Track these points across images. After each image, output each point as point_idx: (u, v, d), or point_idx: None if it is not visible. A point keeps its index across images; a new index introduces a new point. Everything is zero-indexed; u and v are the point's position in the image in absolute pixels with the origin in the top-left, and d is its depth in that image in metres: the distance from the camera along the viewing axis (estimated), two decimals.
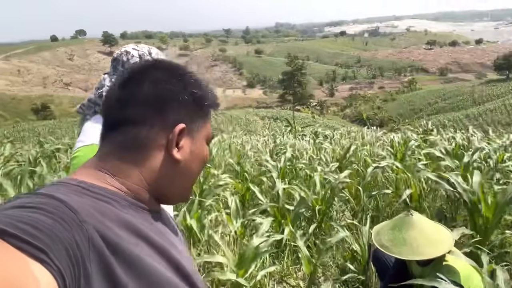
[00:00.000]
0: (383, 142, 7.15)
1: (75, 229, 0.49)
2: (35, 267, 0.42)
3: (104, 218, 0.56)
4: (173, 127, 0.67)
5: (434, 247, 1.81)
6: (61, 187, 0.58)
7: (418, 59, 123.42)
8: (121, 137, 0.66)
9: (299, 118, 40.86)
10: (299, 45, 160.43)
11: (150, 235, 0.62)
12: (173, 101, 0.67)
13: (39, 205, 0.49)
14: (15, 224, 0.44)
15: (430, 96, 66.06)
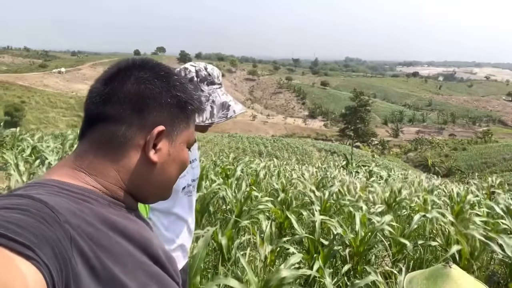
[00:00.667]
0: (442, 191, 6.70)
1: (57, 229, 0.49)
2: (21, 264, 0.42)
3: (84, 217, 0.55)
4: (152, 128, 0.66)
5: None
6: (39, 188, 0.57)
7: (496, 110, 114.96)
8: (99, 134, 0.65)
9: (358, 155, 39.70)
10: (367, 81, 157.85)
11: (130, 232, 0.62)
12: (154, 102, 0.66)
13: (20, 206, 0.49)
14: (1, 224, 0.44)
15: (507, 151, 60.62)
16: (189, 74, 1.28)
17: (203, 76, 1.29)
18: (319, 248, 3.13)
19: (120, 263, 0.57)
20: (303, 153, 38.80)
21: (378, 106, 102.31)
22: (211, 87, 1.30)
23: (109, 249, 0.56)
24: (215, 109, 1.27)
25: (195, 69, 1.29)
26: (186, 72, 1.28)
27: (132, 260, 0.59)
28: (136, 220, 0.68)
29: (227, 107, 1.28)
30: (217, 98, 1.29)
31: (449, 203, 5.33)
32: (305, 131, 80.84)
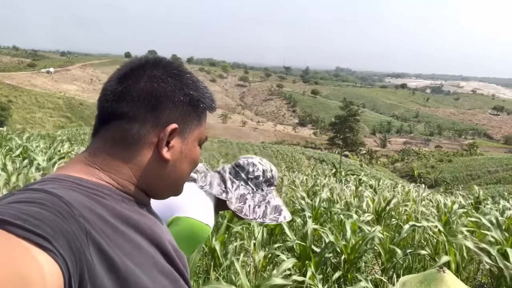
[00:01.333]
0: (429, 202, 6.79)
1: (72, 222, 0.49)
2: (38, 255, 0.43)
3: (98, 211, 0.56)
4: (166, 126, 0.66)
5: None
6: (54, 182, 0.58)
7: (482, 123, 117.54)
8: (113, 132, 0.66)
9: (346, 164, 39.97)
10: (356, 91, 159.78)
11: (143, 227, 0.64)
12: (167, 100, 0.67)
13: (36, 200, 0.49)
14: (18, 215, 0.45)
15: (491, 164, 61.85)
16: (256, 171, 1.33)
17: (267, 177, 1.34)
18: (311, 255, 3.14)
19: (134, 257, 0.58)
20: (292, 161, 38.92)
21: (367, 116, 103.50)
22: (269, 188, 1.35)
23: (123, 243, 0.57)
24: (268, 210, 1.31)
25: (263, 168, 1.34)
26: (254, 168, 1.33)
27: (145, 255, 0.61)
28: (148, 215, 0.69)
29: (279, 211, 1.33)
30: (272, 199, 1.33)
31: (437, 213, 5.39)
32: (295, 139, 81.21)
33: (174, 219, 1.14)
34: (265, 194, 1.33)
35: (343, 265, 3.30)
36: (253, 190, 1.31)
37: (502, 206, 6.77)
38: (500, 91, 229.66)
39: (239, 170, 1.34)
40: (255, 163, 1.35)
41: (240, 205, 1.27)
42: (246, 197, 1.29)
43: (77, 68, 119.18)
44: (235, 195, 1.28)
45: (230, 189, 1.29)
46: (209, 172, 1.35)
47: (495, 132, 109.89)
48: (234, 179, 1.33)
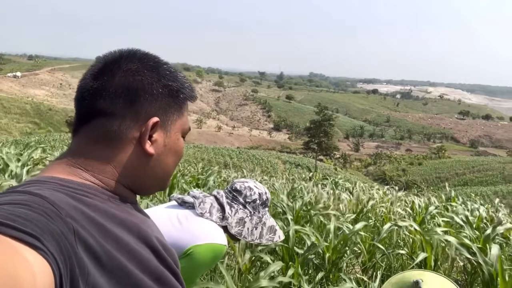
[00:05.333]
0: (404, 203, 7.01)
1: (59, 222, 0.48)
2: (28, 253, 0.42)
3: (85, 211, 0.55)
4: (146, 120, 0.65)
5: None
6: (38, 184, 0.56)
7: (449, 127, 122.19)
8: (93, 130, 0.64)
9: (321, 168, 40.58)
10: (330, 96, 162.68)
11: (130, 225, 0.62)
12: (145, 93, 0.65)
13: (21, 202, 0.49)
14: (6, 216, 0.44)
15: (458, 166, 64.42)
16: (253, 195, 1.38)
17: (263, 200, 1.40)
18: (294, 256, 3.18)
19: (123, 254, 0.57)
20: (268, 165, 39.08)
21: (340, 121, 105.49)
22: (264, 210, 1.41)
23: (111, 241, 0.56)
24: (264, 231, 1.37)
25: (259, 192, 1.40)
26: (251, 192, 1.39)
27: (133, 252, 0.60)
28: (135, 213, 0.68)
29: (274, 231, 1.39)
30: (267, 220, 1.39)
31: (412, 214, 5.58)
32: (270, 144, 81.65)
33: (193, 248, 1.21)
34: (261, 216, 1.39)
35: (326, 266, 3.35)
36: (251, 213, 1.36)
37: (471, 206, 7.09)
38: (466, 96, 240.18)
39: (236, 194, 1.39)
40: (251, 187, 1.40)
41: (240, 229, 1.33)
42: (245, 220, 1.35)
43: (46, 73, 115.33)
44: (235, 219, 1.34)
45: (230, 213, 1.34)
46: (206, 197, 1.39)
47: (462, 135, 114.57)
48: (232, 203, 1.38)
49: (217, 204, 1.38)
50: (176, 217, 1.31)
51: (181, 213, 1.33)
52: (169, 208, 1.37)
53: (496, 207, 7.33)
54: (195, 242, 1.22)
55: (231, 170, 13.94)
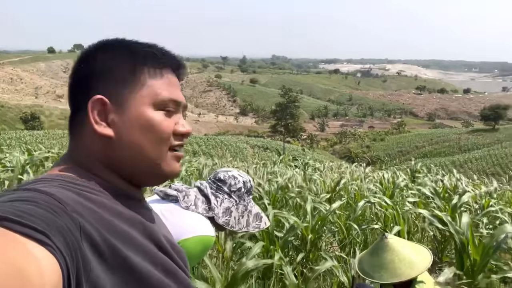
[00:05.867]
0: (372, 178, 7.24)
1: (66, 218, 0.49)
2: (36, 249, 0.42)
3: (91, 207, 0.56)
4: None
5: (411, 267, 1.86)
6: (44, 182, 0.57)
7: (408, 102, 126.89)
8: (73, 127, 0.66)
9: (289, 150, 41.09)
10: (293, 78, 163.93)
11: (136, 221, 0.63)
12: (93, 77, 0.64)
13: (28, 198, 0.49)
14: (14, 212, 0.45)
15: (418, 139, 67.37)
16: (238, 184, 1.37)
17: (248, 188, 1.39)
18: (275, 239, 3.21)
19: (130, 249, 0.57)
20: (237, 151, 39.06)
21: (305, 102, 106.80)
22: (249, 198, 1.40)
23: (118, 236, 0.56)
24: (251, 219, 1.37)
25: (243, 180, 1.39)
26: (236, 181, 1.37)
27: (140, 247, 0.59)
28: (142, 211, 0.67)
29: (259, 218, 1.39)
30: (253, 208, 1.39)
31: (381, 189, 5.78)
32: (237, 129, 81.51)
33: (181, 242, 1.19)
34: (246, 204, 1.38)
35: (305, 246, 3.41)
36: (236, 202, 1.35)
37: (434, 177, 7.45)
38: (422, 72, 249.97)
39: (221, 184, 1.37)
40: (235, 176, 1.39)
41: (227, 219, 1.32)
42: (231, 210, 1.33)
43: None
44: (221, 209, 1.32)
45: (216, 204, 1.33)
46: (189, 189, 1.37)
47: (419, 110, 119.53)
48: (217, 193, 1.36)
49: (202, 196, 1.36)
50: (161, 212, 1.27)
51: (165, 207, 1.30)
52: (152, 203, 1.33)
53: (456, 177, 7.73)
54: (182, 236, 1.20)
55: (201, 157, 13.80)
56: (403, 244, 2.05)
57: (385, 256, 1.97)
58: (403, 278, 1.88)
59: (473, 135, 62.33)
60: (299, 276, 3.07)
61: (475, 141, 58.20)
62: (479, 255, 2.64)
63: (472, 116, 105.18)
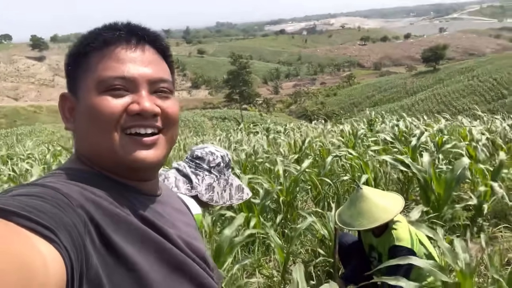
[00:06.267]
0: (334, 133, 7.48)
1: (71, 214, 0.49)
2: (42, 245, 0.42)
3: (95, 200, 0.56)
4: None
5: (386, 212, 2.03)
6: (52, 176, 0.58)
7: (354, 54, 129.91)
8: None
9: (247, 117, 41.18)
10: (241, 44, 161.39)
11: (142, 215, 0.61)
12: (67, 75, 0.66)
13: (35, 193, 0.49)
14: (22, 207, 0.45)
15: (368, 89, 69.87)
16: (216, 159, 1.37)
17: (226, 161, 1.39)
18: (253, 207, 3.26)
19: (135, 244, 0.57)
20: (195, 125, 38.57)
21: (256, 67, 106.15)
22: (229, 171, 1.40)
23: (122, 230, 0.56)
24: (233, 191, 1.37)
25: (220, 154, 1.39)
26: (213, 157, 1.36)
27: (143, 238, 0.59)
28: (143, 201, 0.65)
29: (241, 189, 1.40)
30: (233, 181, 1.39)
31: (344, 141, 5.99)
32: (192, 103, 79.94)
33: None
34: (227, 178, 1.39)
35: (282, 208, 3.51)
36: (217, 177, 1.36)
37: (389, 123, 7.82)
38: (364, 23, 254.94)
39: (199, 162, 1.37)
40: (212, 151, 1.39)
41: (210, 195, 1.32)
42: (213, 185, 1.34)
43: None
44: (203, 186, 1.32)
45: (198, 182, 1.32)
46: (167, 171, 1.37)
47: (365, 60, 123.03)
48: (196, 171, 1.35)
49: (181, 176, 1.35)
50: None
51: None
52: None
53: (409, 120, 8.16)
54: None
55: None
56: (377, 193, 2.18)
57: (362, 205, 2.10)
58: (381, 222, 2.02)
59: (417, 78, 65.53)
60: (280, 237, 3.18)
61: (420, 83, 61.29)
62: (442, 189, 2.86)
63: (414, 60, 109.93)
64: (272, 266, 2.93)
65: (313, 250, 2.90)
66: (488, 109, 37.20)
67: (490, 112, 32.86)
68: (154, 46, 0.66)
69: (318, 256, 2.80)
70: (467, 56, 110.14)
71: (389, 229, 2.08)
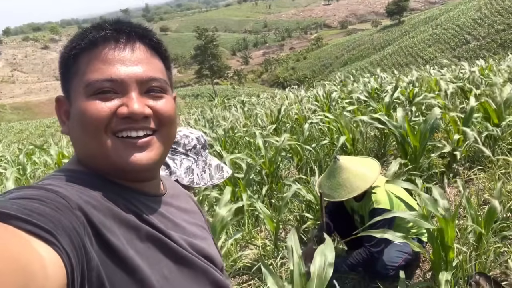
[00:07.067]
0: (308, 98, 7.51)
1: (71, 216, 0.49)
2: (41, 247, 0.42)
3: (95, 203, 0.55)
4: None
5: (364, 180, 2.09)
6: (51, 179, 0.58)
7: (320, 16, 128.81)
8: None
9: (220, 91, 40.71)
10: (204, 16, 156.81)
11: (140, 215, 0.61)
12: (60, 76, 0.65)
13: (34, 196, 0.49)
14: (21, 210, 0.44)
15: (336, 50, 69.83)
16: (191, 141, 1.35)
17: (202, 142, 1.37)
18: (238, 182, 3.29)
19: (135, 244, 0.57)
20: None
21: (223, 39, 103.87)
22: (205, 152, 1.39)
23: (122, 232, 0.56)
24: (213, 171, 1.36)
25: (195, 136, 1.37)
26: (189, 139, 1.35)
27: (143, 238, 0.59)
28: (144, 202, 0.65)
29: (220, 168, 1.38)
30: (212, 161, 1.38)
31: (319, 105, 6.04)
32: None
33: None
34: (205, 159, 1.38)
35: (267, 180, 3.55)
36: (194, 159, 1.35)
37: (362, 81, 7.90)
38: None
39: (175, 146, 1.35)
40: (187, 134, 1.37)
41: (190, 177, 1.31)
42: (192, 168, 1.33)
43: None
44: (182, 170, 1.31)
45: (176, 167, 1.31)
46: None
47: (332, 20, 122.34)
48: (173, 156, 1.34)
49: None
50: None
51: None
52: None
53: (381, 76, 8.28)
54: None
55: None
56: (354, 162, 2.23)
57: (340, 176, 2.14)
58: (360, 191, 2.08)
59: (383, 33, 65.79)
60: (268, 207, 3.24)
61: (386, 38, 61.59)
62: (418, 141, 2.95)
63: (379, 14, 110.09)
64: (263, 236, 3.00)
65: (301, 216, 2.98)
66: (453, 55, 38.02)
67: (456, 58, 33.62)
68: (145, 43, 0.63)
69: (306, 220, 2.88)
70: (429, 5, 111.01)
71: (368, 194, 2.14)
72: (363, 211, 2.21)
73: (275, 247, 2.65)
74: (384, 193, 2.12)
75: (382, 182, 2.19)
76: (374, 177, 2.11)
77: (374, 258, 2.10)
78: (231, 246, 2.74)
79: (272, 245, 2.68)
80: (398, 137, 3.04)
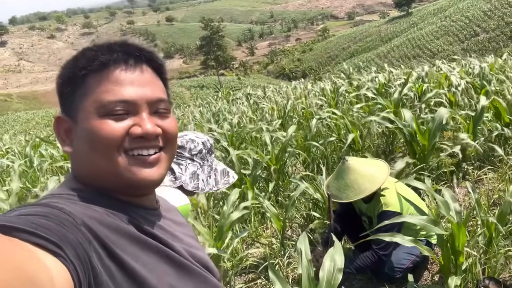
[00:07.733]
0: (315, 92, 7.44)
1: (76, 232, 0.50)
2: (47, 259, 0.43)
3: (100, 219, 0.56)
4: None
5: (372, 182, 2.07)
6: (53, 198, 0.58)
7: (326, 6, 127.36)
8: None
9: (226, 82, 40.58)
10: (210, 6, 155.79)
11: (144, 229, 0.62)
12: (59, 93, 0.65)
13: (39, 213, 0.50)
14: (28, 224, 0.46)
15: (343, 41, 69.08)
16: (197, 146, 1.33)
17: (208, 147, 1.35)
18: (244, 179, 3.27)
19: (140, 257, 0.58)
20: (174, 96, 37.83)
21: (228, 29, 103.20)
22: (211, 157, 1.37)
23: (127, 245, 0.57)
24: (218, 176, 1.34)
25: (201, 141, 1.35)
26: (194, 144, 1.33)
27: (148, 250, 0.60)
28: (144, 215, 0.66)
29: (226, 173, 1.37)
30: (218, 166, 1.36)
31: (326, 100, 5.98)
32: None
33: None
34: (211, 164, 1.36)
35: (274, 176, 3.54)
36: (200, 164, 1.33)
37: (369, 76, 7.80)
38: None
39: (180, 150, 1.33)
40: (193, 139, 1.35)
41: (195, 183, 1.30)
42: (197, 173, 1.31)
43: None
44: (187, 176, 1.29)
45: (181, 172, 1.29)
46: None
47: (339, 11, 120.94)
48: (178, 161, 1.32)
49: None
50: None
51: None
52: None
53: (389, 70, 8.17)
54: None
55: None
56: (362, 163, 2.20)
57: (348, 177, 2.12)
58: (368, 193, 2.06)
59: (391, 24, 64.96)
60: (274, 204, 3.23)
61: (394, 29, 60.82)
62: (427, 140, 2.92)
63: (387, 5, 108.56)
64: (269, 234, 2.99)
65: (308, 214, 2.97)
66: (462, 48, 37.53)
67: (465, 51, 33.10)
68: (150, 65, 0.66)
69: (313, 219, 2.87)
70: None
71: (377, 195, 2.12)
72: (372, 212, 2.19)
73: (281, 245, 2.64)
74: (394, 195, 2.10)
75: (391, 184, 2.16)
76: (382, 179, 2.08)
77: (382, 261, 2.09)
78: (238, 245, 2.73)
79: (279, 243, 2.67)
80: (406, 135, 3.00)
